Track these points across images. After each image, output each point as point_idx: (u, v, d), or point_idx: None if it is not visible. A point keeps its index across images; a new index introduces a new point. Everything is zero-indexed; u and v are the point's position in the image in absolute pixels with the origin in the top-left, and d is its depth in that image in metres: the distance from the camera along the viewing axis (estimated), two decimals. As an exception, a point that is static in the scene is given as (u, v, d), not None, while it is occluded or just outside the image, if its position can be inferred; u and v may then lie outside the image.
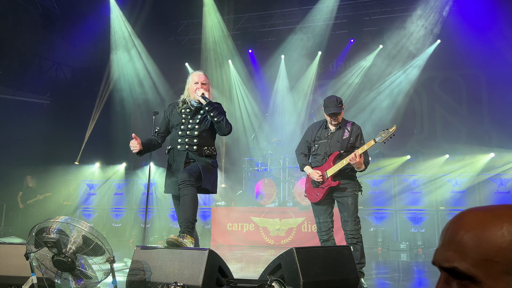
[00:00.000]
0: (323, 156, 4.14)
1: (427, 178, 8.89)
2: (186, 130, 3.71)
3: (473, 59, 9.77)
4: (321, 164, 4.16)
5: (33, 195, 10.12)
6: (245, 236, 8.49)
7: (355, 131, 4.14)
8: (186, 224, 3.40)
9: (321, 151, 4.16)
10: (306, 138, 4.33)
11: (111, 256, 2.89)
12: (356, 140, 4.11)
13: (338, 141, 4.10)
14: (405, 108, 10.54)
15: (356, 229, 3.98)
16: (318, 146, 4.19)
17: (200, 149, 3.67)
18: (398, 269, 5.82)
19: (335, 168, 4.02)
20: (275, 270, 3.20)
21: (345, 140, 4.08)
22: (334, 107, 4.04)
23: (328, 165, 4.08)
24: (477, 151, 9.07)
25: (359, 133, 4.16)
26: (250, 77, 11.80)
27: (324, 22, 10.79)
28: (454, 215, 0.74)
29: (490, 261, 0.65)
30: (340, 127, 4.15)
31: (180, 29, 11.95)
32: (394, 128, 3.93)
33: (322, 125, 4.26)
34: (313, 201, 4.19)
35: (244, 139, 11.17)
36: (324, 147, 4.15)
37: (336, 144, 4.10)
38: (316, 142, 4.21)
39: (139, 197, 10.48)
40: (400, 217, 8.78)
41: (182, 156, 3.68)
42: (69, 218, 2.94)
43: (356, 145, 4.10)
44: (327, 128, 4.21)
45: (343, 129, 4.13)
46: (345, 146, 4.07)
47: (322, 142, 4.17)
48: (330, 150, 4.11)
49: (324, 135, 4.19)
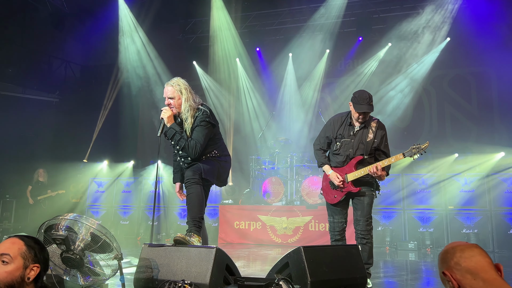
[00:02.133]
0: (344, 158, 3.96)
1: (436, 177, 8.81)
2: (178, 150, 3.65)
3: (483, 57, 9.65)
4: (341, 166, 3.99)
5: (43, 190, 9.82)
6: (252, 234, 8.49)
7: (380, 132, 3.95)
8: (193, 223, 3.40)
9: (343, 151, 3.96)
10: (326, 133, 4.08)
11: (119, 253, 2.90)
12: (380, 142, 3.93)
13: (362, 142, 3.90)
14: (414, 107, 10.46)
15: (367, 230, 3.92)
16: (340, 145, 3.97)
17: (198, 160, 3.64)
18: (406, 269, 5.78)
19: (357, 174, 3.87)
20: (283, 269, 3.19)
21: (369, 143, 3.89)
22: (367, 105, 3.80)
23: (350, 169, 3.92)
24: (487, 150, 8.96)
25: (384, 134, 3.97)
26: (257, 75, 11.78)
27: (332, 20, 10.72)
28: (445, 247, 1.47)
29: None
30: (365, 125, 3.95)
31: (188, 27, 11.96)
32: (427, 145, 3.75)
33: (345, 121, 4.00)
34: (330, 202, 4.07)
35: (252, 137, 11.16)
36: (347, 147, 3.94)
37: (359, 146, 3.90)
38: (338, 140, 3.99)
39: (147, 194, 10.52)
40: (408, 216, 8.72)
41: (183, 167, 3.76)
42: (77, 215, 2.96)
43: (381, 148, 3.93)
44: (352, 125, 3.97)
45: (367, 129, 3.93)
46: (368, 150, 3.89)
47: (345, 141, 3.96)
48: (353, 152, 3.92)
49: (347, 133, 3.96)
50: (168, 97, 3.58)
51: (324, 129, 4.14)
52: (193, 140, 3.47)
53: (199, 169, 3.49)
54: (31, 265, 1.80)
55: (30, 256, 1.80)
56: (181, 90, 3.58)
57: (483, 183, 8.44)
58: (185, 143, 3.44)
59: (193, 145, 3.45)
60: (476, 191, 8.45)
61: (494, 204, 8.27)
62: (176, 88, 3.59)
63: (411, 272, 5.51)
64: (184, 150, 3.48)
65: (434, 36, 10.20)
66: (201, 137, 3.49)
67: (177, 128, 3.51)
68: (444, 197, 8.63)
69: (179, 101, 3.58)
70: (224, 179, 3.75)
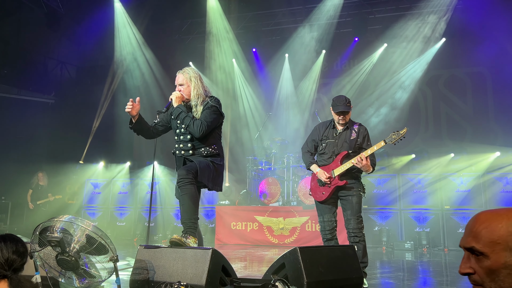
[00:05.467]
0: (330, 155, 4.15)
1: (432, 177, 8.84)
2: (180, 135, 3.66)
3: (478, 57, 9.69)
4: (328, 163, 4.16)
5: (44, 194, 9.66)
6: (249, 235, 8.49)
7: (362, 132, 4.15)
8: (188, 224, 3.38)
9: (329, 150, 4.17)
10: (313, 137, 4.33)
11: (115, 255, 2.89)
12: (363, 141, 4.12)
13: (346, 141, 4.11)
14: (410, 107, 10.48)
15: (359, 228, 3.99)
16: (325, 145, 4.20)
17: (197, 151, 3.60)
18: (403, 269, 5.80)
19: (343, 167, 4.03)
20: (279, 270, 3.19)
21: (353, 141, 4.09)
22: (343, 106, 4.05)
23: (336, 164, 4.08)
24: (482, 150, 9.00)
25: (366, 134, 4.17)
26: (254, 76, 11.78)
27: (328, 21, 10.75)
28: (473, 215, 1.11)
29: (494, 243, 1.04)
30: (347, 127, 4.16)
31: (184, 28, 11.94)
32: (405, 130, 3.97)
33: (329, 125, 4.26)
34: (319, 199, 4.19)
35: (248, 138, 11.16)
36: (332, 146, 4.16)
37: (343, 144, 4.11)
38: (323, 141, 4.22)
39: (143, 196, 10.50)
40: (404, 216, 8.74)
41: (180, 161, 3.68)
42: (72, 217, 2.94)
43: (364, 146, 4.11)
44: (335, 128, 4.22)
45: (350, 130, 4.15)
46: (352, 147, 4.07)
47: (329, 142, 4.18)
48: (338, 149, 4.12)
49: (331, 134, 4.20)
50: (178, 84, 3.66)
51: (310, 134, 4.41)
52: (200, 120, 3.50)
53: (193, 168, 3.44)
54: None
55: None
56: (190, 78, 3.64)
57: (478, 183, 8.47)
58: (190, 121, 3.46)
59: (198, 123, 3.46)
60: (472, 191, 8.48)
61: (490, 203, 8.30)
62: (186, 76, 3.66)
63: (408, 272, 5.53)
64: (190, 128, 3.47)
65: (429, 36, 10.24)
66: (209, 118, 3.51)
67: (183, 108, 3.56)
68: (440, 197, 8.65)
69: (188, 89, 3.64)
70: (219, 183, 3.68)
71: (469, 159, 8.96)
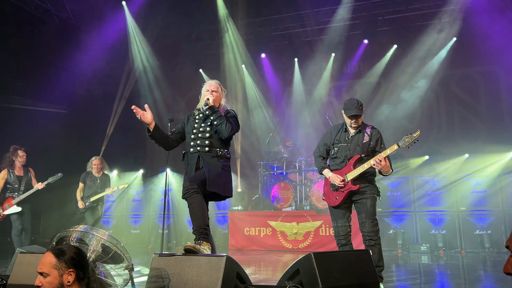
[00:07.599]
0: (342, 159, 4.10)
1: (446, 178, 8.74)
2: (198, 133, 3.81)
3: (490, 56, 9.56)
4: (340, 167, 4.11)
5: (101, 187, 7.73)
6: (263, 240, 8.47)
7: (375, 135, 4.09)
8: (200, 231, 3.42)
9: (341, 154, 4.12)
10: (324, 141, 4.29)
11: (130, 264, 2.91)
12: (376, 144, 4.07)
13: (358, 145, 4.06)
14: (422, 108, 10.38)
15: (374, 231, 3.93)
16: (337, 149, 4.15)
17: (212, 150, 3.72)
18: (419, 272, 5.72)
19: (356, 172, 3.97)
20: (293, 276, 3.17)
21: (365, 144, 4.04)
22: (355, 109, 4.00)
23: (349, 168, 4.03)
24: (497, 150, 8.87)
25: (379, 137, 4.11)
26: (264, 81, 11.81)
27: (337, 24, 10.73)
28: None
29: None
30: (360, 130, 4.11)
31: (194, 35, 12.03)
32: (418, 133, 3.91)
33: (341, 128, 4.21)
34: (332, 204, 4.14)
35: (260, 143, 11.16)
36: (344, 150, 4.10)
37: (356, 148, 4.05)
38: (336, 145, 4.17)
39: (157, 203, 10.57)
40: (420, 218, 8.65)
41: (194, 158, 3.75)
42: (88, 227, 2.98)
43: (377, 149, 4.06)
44: (347, 131, 4.17)
45: (363, 133, 4.09)
46: (365, 150, 4.02)
47: (342, 146, 4.13)
48: (351, 153, 4.07)
49: (343, 138, 4.15)
50: (212, 90, 3.91)
51: (322, 138, 4.37)
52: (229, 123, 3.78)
53: (197, 178, 3.56)
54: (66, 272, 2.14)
55: (61, 265, 2.14)
56: (222, 89, 4.01)
57: (494, 183, 8.35)
58: (223, 121, 3.71)
59: (229, 125, 3.74)
60: (488, 191, 8.36)
61: (507, 204, 8.17)
62: (219, 85, 4.01)
63: (425, 275, 5.45)
64: (220, 127, 3.70)
65: (440, 36, 10.15)
66: (235, 124, 3.84)
67: (217, 109, 3.81)
68: (455, 198, 8.55)
69: (219, 96, 3.94)
70: (229, 188, 3.80)
71: (484, 160, 8.83)
